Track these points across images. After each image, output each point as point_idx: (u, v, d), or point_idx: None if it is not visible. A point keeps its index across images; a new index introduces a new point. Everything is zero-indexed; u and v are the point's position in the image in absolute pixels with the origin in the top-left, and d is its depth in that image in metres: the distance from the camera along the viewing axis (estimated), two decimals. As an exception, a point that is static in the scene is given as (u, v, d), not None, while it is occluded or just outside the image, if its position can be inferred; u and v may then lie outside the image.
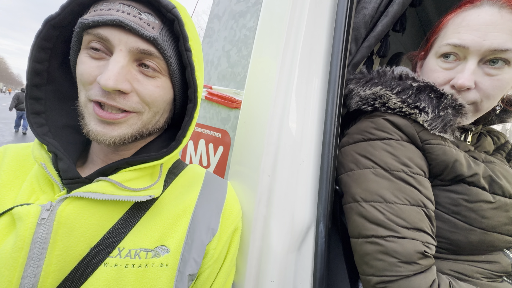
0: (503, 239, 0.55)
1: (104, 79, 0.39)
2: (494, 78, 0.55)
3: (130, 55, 0.42)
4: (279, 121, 0.59)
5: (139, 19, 0.41)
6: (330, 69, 0.60)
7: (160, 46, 0.42)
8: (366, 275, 0.53)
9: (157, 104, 0.46)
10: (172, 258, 0.45)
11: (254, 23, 0.74)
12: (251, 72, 0.70)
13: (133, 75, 0.43)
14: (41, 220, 0.39)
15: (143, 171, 0.48)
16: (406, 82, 0.61)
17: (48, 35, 0.43)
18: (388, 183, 0.55)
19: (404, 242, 0.50)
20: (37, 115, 0.46)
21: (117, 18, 0.39)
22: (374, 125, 0.61)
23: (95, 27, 0.41)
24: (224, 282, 0.54)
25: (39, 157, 0.44)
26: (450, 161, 0.55)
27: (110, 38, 0.40)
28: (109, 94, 0.41)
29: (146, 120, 0.47)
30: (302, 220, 0.60)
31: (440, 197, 0.57)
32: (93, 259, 0.41)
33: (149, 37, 0.41)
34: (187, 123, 0.48)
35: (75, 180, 0.44)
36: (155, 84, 0.45)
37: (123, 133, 0.44)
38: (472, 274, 0.56)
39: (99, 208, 0.43)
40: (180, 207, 0.50)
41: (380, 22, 0.66)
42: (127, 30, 0.40)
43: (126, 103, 0.43)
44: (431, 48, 0.65)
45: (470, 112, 0.59)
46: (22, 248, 0.37)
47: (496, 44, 0.53)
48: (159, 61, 0.44)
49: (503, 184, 0.55)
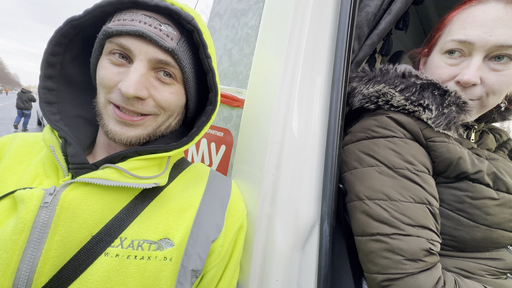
0: (508, 235, 0.55)
1: (126, 87, 0.42)
2: (500, 73, 0.55)
3: (149, 64, 0.45)
4: (283, 120, 0.59)
5: (159, 31, 0.44)
6: (334, 67, 0.60)
7: (177, 56, 0.45)
8: (371, 273, 0.53)
9: (172, 109, 0.50)
10: (176, 252, 0.45)
11: (256, 21, 0.74)
12: (254, 71, 0.69)
13: (151, 82, 0.46)
14: (44, 203, 0.39)
15: (151, 162, 0.49)
16: (409, 79, 0.61)
17: (67, 33, 0.46)
18: (392, 181, 0.55)
19: (409, 239, 0.50)
20: (50, 105, 0.48)
21: (139, 30, 0.42)
22: (377, 123, 0.61)
23: (117, 36, 0.44)
24: (230, 281, 0.54)
25: (48, 140, 0.45)
26: (454, 158, 0.55)
27: (132, 48, 0.43)
28: (128, 100, 0.44)
29: (160, 122, 0.50)
30: (306, 219, 0.60)
31: (444, 194, 0.57)
32: (93, 248, 0.41)
33: (168, 47, 0.44)
34: (204, 122, 0.51)
35: (81, 166, 0.44)
36: (170, 91, 0.48)
37: (139, 134, 0.48)
38: (476, 271, 0.56)
39: (103, 195, 0.44)
40: (185, 201, 0.51)
41: (383, 20, 0.66)
42: (147, 40, 0.43)
43: (143, 108, 0.46)
44: (436, 44, 0.65)
45: (475, 109, 0.59)
46: (23, 231, 0.37)
47: (502, 40, 0.53)
48: (175, 70, 0.47)
49: (507, 181, 0.55)
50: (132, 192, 0.47)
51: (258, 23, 0.72)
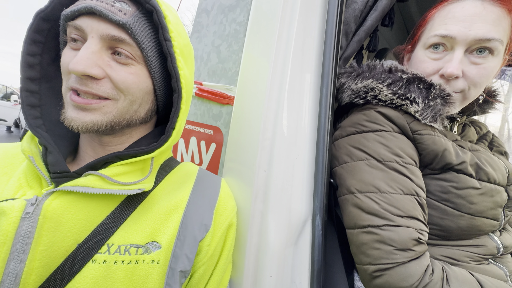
0: (489, 223, 0.58)
1: (73, 63, 0.40)
2: (480, 66, 0.58)
3: (102, 42, 0.42)
4: (273, 116, 0.58)
5: (111, 6, 0.42)
6: (323, 63, 0.60)
7: (131, 31, 0.42)
8: (363, 264, 0.54)
9: (132, 92, 0.45)
10: (163, 254, 0.44)
11: (244, 17, 0.73)
12: (243, 67, 0.69)
13: (106, 61, 0.43)
14: (25, 214, 0.37)
15: (133, 166, 0.47)
16: (396, 74, 0.63)
17: (39, 28, 0.44)
18: (382, 174, 0.56)
19: (399, 230, 0.51)
20: (32, 108, 0.46)
21: (87, 5, 0.40)
22: (366, 117, 0.62)
23: (73, 19, 0.42)
24: (220, 279, 0.53)
25: (27, 150, 0.43)
26: (440, 150, 0.57)
27: (84, 27, 0.41)
28: (81, 80, 0.42)
29: (122, 109, 0.45)
30: (298, 214, 0.60)
31: (430, 186, 0.59)
32: (80, 256, 0.40)
33: (119, 21, 0.41)
34: (174, 114, 0.47)
35: (63, 174, 0.43)
36: (128, 71, 0.44)
37: (96, 120, 0.43)
38: (461, 258, 0.59)
39: (87, 203, 0.42)
40: (172, 203, 0.50)
41: (369, 16, 0.67)
42: (97, 16, 0.41)
43: (99, 88, 0.43)
44: (419, 40, 0.67)
45: (458, 101, 0.61)
46: (4, 243, 0.36)
47: (481, 33, 0.56)
48: (133, 48, 0.44)
49: (488, 171, 0.58)
50: (118, 198, 0.46)
51: (247, 19, 0.71)
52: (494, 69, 0.59)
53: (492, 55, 0.58)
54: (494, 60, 0.58)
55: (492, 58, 0.58)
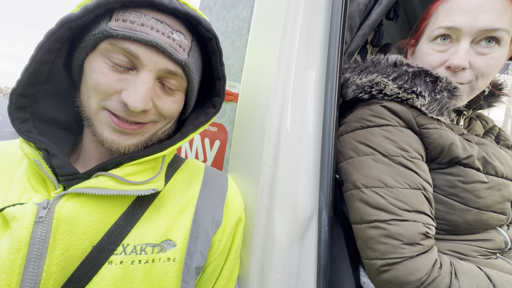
0: (497, 217, 0.58)
1: (134, 102, 0.39)
2: (487, 56, 0.58)
3: (157, 74, 0.42)
4: (279, 112, 0.58)
5: (172, 40, 0.41)
6: (328, 58, 0.60)
7: (188, 69, 0.43)
8: (370, 259, 0.54)
9: (172, 116, 0.48)
10: (179, 252, 0.45)
11: (247, 13, 0.73)
12: (248, 64, 0.68)
13: (155, 92, 0.43)
14: (38, 218, 0.37)
15: (145, 165, 0.47)
16: (401, 68, 0.62)
17: (61, 36, 0.39)
18: (388, 168, 0.56)
19: (406, 224, 0.51)
20: (21, 110, 0.42)
21: (153, 40, 0.39)
22: (371, 112, 0.62)
23: (123, 40, 0.39)
24: (230, 275, 0.54)
25: (31, 154, 0.41)
26: (447, 144, 0.57)
27: (141, 57, 0.40)
28: (132, 112, 0.41)
29: (158, 128, 0.48)
30: (304, 210, 0.60)
31: (437, 180, 0.59)
32: (96, 258, 0.40)
33: (181, 61, 0.42)
34: (203, 123, 0.51)
35: (73, 176, 0.42)
36: (173, 100, 0.46)
37: (137, 141, 0.45)
38: (469, 253, 0.58)
39: (99, 204, 0.42)
40: (183, 200, 0.50)
41: (374, 10, 0.67)
42: (159, 51, 0.40)
43: (145, 118, 0.44)
44: (423, 34, 0.66)
45: (465, 93, 0.61)
46: (20, 249, 0.35)
47: (486, 24, 0.55)
48: (182, 80, 0.45)
49: (496, 164, 0.58)
50: (129, 198, 0.46)
51: (250, 15, 0.71)
52: (501, 59, 0.58)
53: (499, 45, 0.57)
54: (501, 50, 0.58)
55: (498, 48, 0.58)
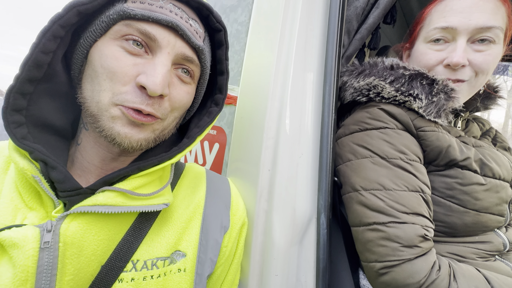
0: (495, 219, 0.58)
1: (153, 84, 0.36)
2: (485, 53, 0.59)
3: (174, 59, 0.40)
4: (277, 115, 0.59)
5: (190, 26, 0.40)
6: (326, 61, 0.60)
7: (204, 56, 0.43)
8: (369, 262, 0.54)
9: (181, 110, 0.45)
10: (189, 262, 0.44)
11: (246, 17, 0.73)
12: (246, 67, 0.69)
13: (171, 79, 0.41)
14: (44, 244, 0.33)
15: (153, 175, 0.44)
16: (397, 71, 0.63)
17: (68, 21, 0.35)
18: (387, 171, 0.56)
19: (405, 227, 0.51)
20: (17, 112, 0.36)
21: (173, 21, 0.37)
22: (369, 115, 0.62)
23: (140, 21, 0.37)
24: (233, 279, 0.54)
25: (29, 169, 0.36)
26: (444, 146, 0.57)
27: (159, 38, 0.37)
28: (149, 101, 0.38)
29: (165, 125, 0.44)
30: (303, 213, 0.60)
31: (435, 182, 0.59)
32: (105, 278, 0.38)
33: (198, 46, 0.41)
34: (207, 123, 0.48)
35: (75, 192, 0.37)
36: (186, 90, 0.44)
37: (148, 137, 0.41)
38: (467, 255, 0.58)
39: (106, 221, 0.39)
40: (190, 209, 0.49)
41: (371, 14, 0.67)
42: (178, 34, 0.39)
43: (159, 109, 0.40)
44: (418, 36, 0.67)
45: (465, 91, 0.62)
46: (27, 280, 0.32)
47: (481, 22, 0.57)
48: (196, 69, 0.44)
49: (493, 166, 0.58)
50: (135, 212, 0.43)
51: (248, 19, 0.72)
52: (498, 56, 0.60)
53: (494, 44, 0.59)
54: (497, 47, 0.59)
55: (494, 46, 0.59)
